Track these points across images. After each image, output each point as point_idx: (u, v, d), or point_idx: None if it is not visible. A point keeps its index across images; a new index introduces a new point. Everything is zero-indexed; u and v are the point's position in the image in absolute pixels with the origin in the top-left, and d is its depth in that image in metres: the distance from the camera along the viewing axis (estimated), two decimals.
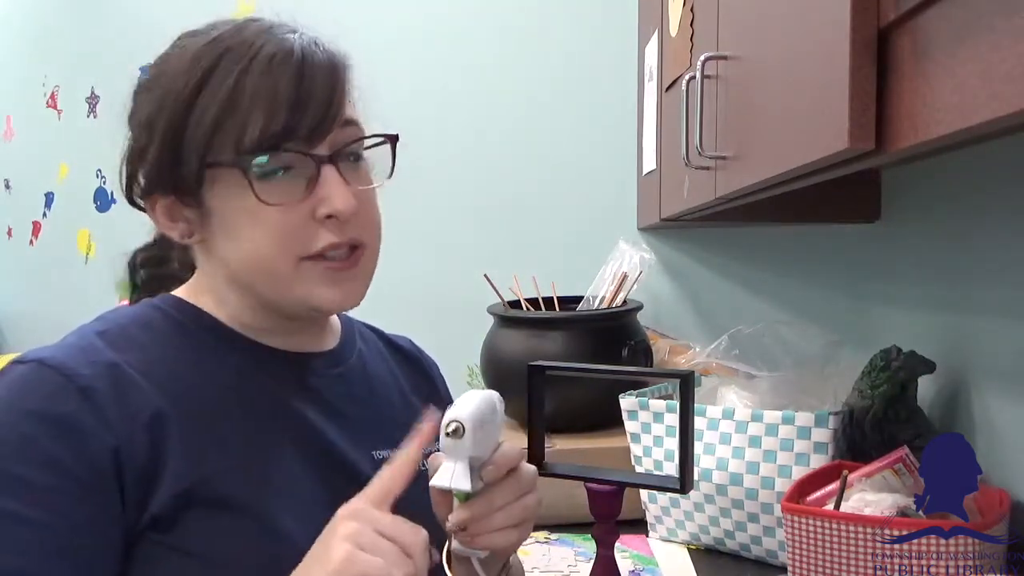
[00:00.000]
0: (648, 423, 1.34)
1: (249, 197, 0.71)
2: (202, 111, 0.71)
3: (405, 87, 2.03)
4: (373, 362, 0.89)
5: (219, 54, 0.72)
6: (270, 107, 0.70)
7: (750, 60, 0.96)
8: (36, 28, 3.15)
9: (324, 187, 0.73)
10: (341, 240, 0.74)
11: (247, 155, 0.71)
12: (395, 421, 0.85)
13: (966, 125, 0.51)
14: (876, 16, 0.61)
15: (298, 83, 0.71)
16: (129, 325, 0.76)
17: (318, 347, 0.83)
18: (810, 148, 0.72)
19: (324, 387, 0.81)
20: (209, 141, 0.71)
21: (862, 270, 1.71)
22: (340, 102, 0.74)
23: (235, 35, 0.74)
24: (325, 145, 0.73)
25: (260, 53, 0.71)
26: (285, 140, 0.71)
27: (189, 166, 0.72)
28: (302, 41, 0.73)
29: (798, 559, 1.00)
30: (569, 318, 1.61)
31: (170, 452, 0.68)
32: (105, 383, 0.68)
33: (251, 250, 0.73)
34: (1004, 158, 1.11)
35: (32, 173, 3.08)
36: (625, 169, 1.89)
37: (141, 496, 0.67)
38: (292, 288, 0.74)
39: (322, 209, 0.72)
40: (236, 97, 0.70)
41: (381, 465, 0.79)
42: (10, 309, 3.42)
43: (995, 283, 1.17)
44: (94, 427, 0.66)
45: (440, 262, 2.04)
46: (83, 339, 0.73)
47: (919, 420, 1.24)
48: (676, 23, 1.37)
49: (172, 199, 0.76)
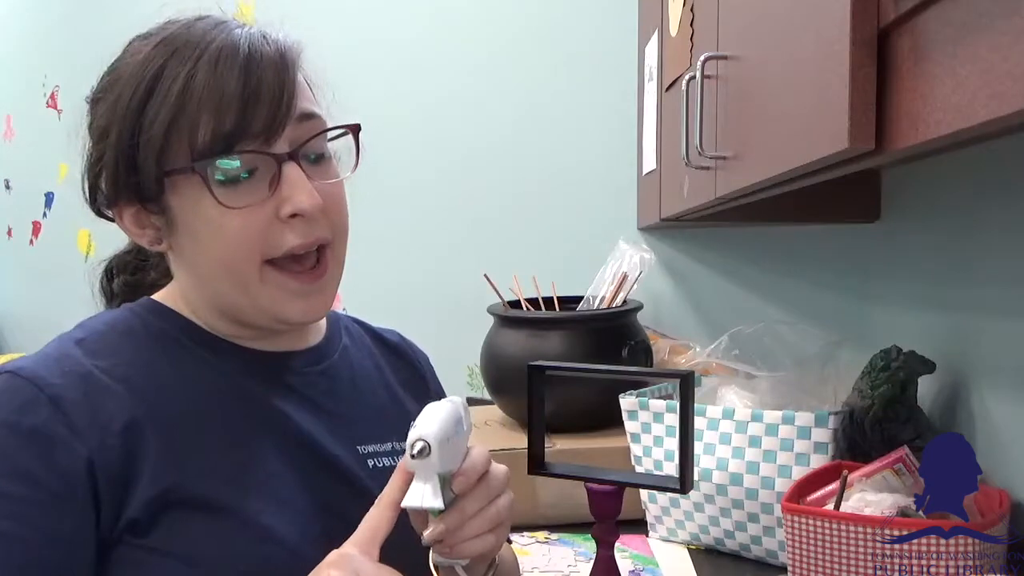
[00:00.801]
0: (648, 423, 1.34)
1: (209, 202, 0.70)
2: (153, 117, 0.70)
3: (405, 87, 2.03)
4: (358, 357, 0.88)
5: (166, 56, 0.70)
6: (218, 107, 0.68)
7: (750, 60, 0.96)
8: (36, 28, 3.16)
9: (286, 186, 0.70)
10: (307, 241, 0.72)
11: (202, 159, 0.69)
12: (381, 416, 0.85)
13: (966, 125, 0.51)
14: (876, 16, 0.61)
15: (246, 80, 0.69)
16: (108, 331, 0.75)
17: (300, 345, 0.82)
18: (810, 148, 0.72)
19: (306, 384, 0.80)
20: (163, 147, 0.70)
21: (862, 270, 1.71)
22: (291, 95, 0.71)
23: (183, 34, 0.72)
24: (284, 142, 0.71)
25: (206, 52, 0.70)
26: (238, 140, 0.69)
27: (146, 174, 0.71)
28: (250, 35, 0.71)
29: (798, 559, 1.00)
30: (569, 318, 1.61)
31: (146, 457, 0.68)
32: (77, 392, 0.68)
33: (215, 256, 0.72)
34: (1004, 158, 1.11)
35: (32, 173, 3.09)
36: (625, 169, 1.89)
37: (116, 502, 0.67)
38: (258, 298, 0.73)
39: (286, 208, 0.70)
40: (184, 100, 0.69)
41: (365, 461, 0.79)
42: (10, 309, 3.43)
43: (995, 283, 1.17)
44: (65, 437, 0.66)
45: (440, 262, 2.05)
46: (60, 348, 0.72)
47: (919, 420, 1.24)
48: (676, 23, 1.37)
49: (137, 207, 0.74)
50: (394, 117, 1.98)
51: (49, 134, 2.94)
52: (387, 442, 0.83)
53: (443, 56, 2.04)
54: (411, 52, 2.05)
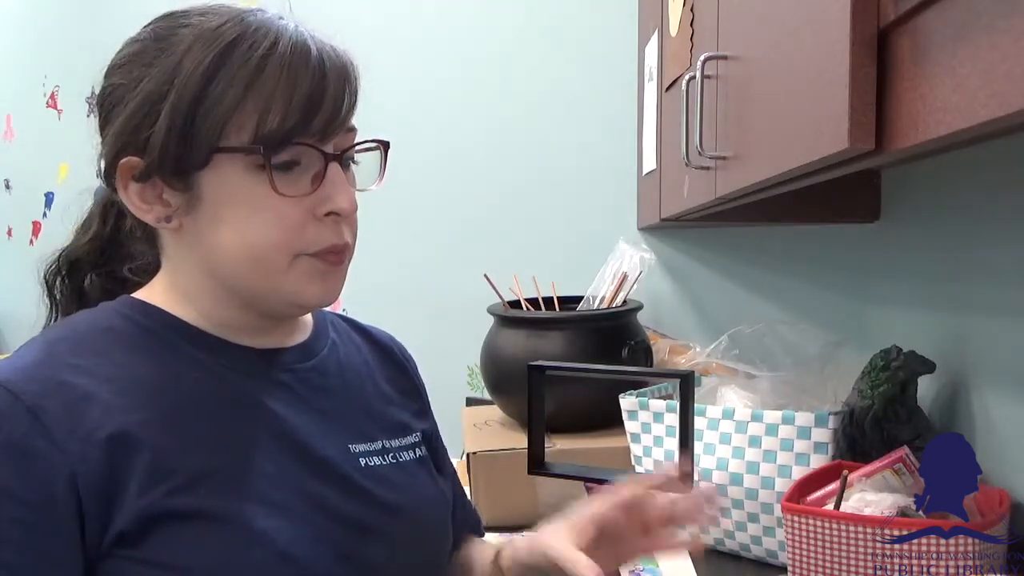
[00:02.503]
0: (648, 423, 1.34)
1: (256, 185, 0.69)
2: (223, 89, 0.68)
3: (405, 87, 2.03)
4: (347, 353, 0.87)
5: (239, 32, 0.69)
6: (290, 98, 0.69)
7: (750, 60, 0.96)
8: (36, 28, 3.16)
9: (329, 185, 0.72)
10: (341, 242, 0.73)
11: (265, 143, 0.69)
12: (370, 413, 0.84)
13: (966, 125, 0.51)
14: (876, 16, 0.61)
15: (318, 80, 0.70)
16: (89, 331, 0.73)
17: (288, 342, 0.81)
18: (810, 148, 0.72)
19: (296, 381, 0.79)
20: (224, 122, 0.68)
21: (862, 270, 1.71)
22: (350, 107, 0.73)
23: (248, 19, 0.71)
24: (330, 146, 0.73)
25: (280, 41, 0.69)
26: (300, 135, 0.70)
27: (199, 146, 0.68)
28: (317, 40, 0.72)
29: (798, 559, 1.00)
30: (569, 318, 1.61)
31: (132, 467, 0.65)
32: (56, 401, 0.65)
33: (248, 240, 0.71)
34: (1004, 158, 1.11)
35: (32, 173, 3.09)
36: (625, 169, 1.89)
37: (102, 515, 0.64)
38: (282, 282, 0.72)
39: (325, 206, 0.72)
40: (257, 82, 0.68)
41: (357, 460, 0.78)
42: (10, 309, 3.42)
43: (995, 283, 1.17)
44: (44, 450, 0.63)
45: (440, 262, 2.05)
46: (39, 350, 0.70)
47: (919, 420, 1.24)
48: (676, 23, 1.37)
49: (155, 180, 0.71)
50: (394, 117, 1.98)
51: (49, 134, 2.94)
52: (377, 440, 0.81)
53: (443, 56, 2.04)
54: (410, 52, 2.05)
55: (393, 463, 0.81)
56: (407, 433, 0.86)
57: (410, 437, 0.86)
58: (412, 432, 0.87)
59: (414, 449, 0.85)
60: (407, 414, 0.89)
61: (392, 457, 0.82)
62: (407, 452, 0.84)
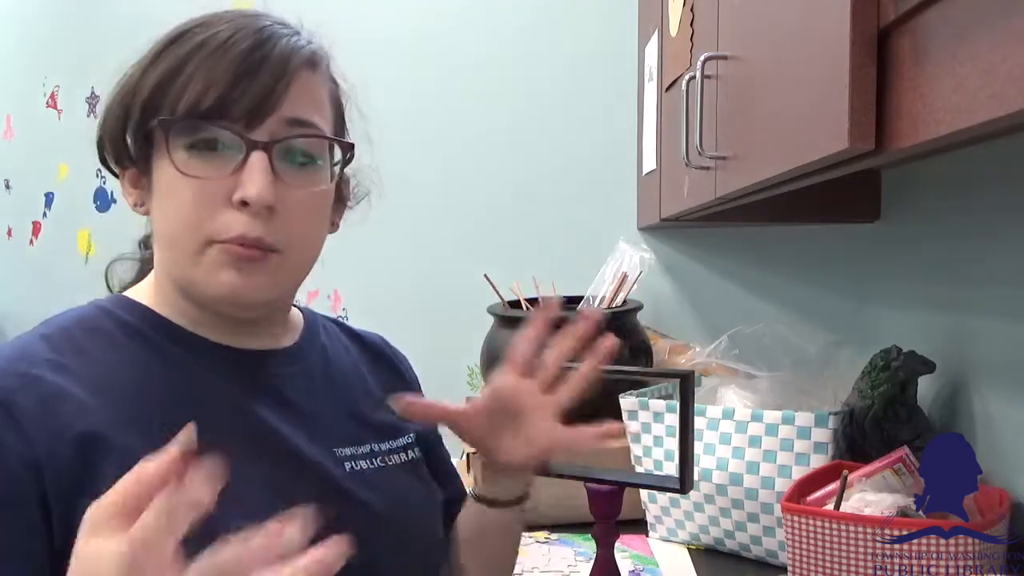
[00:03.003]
0: (648, 423, 1.34)
1: (168, 165, 0.70)
2: (149, 78, 0.71)
3: (404, 87, 2.03)
4: (336, 357, 0.86)
5: (184, 31, 0.72)
6: (209, 79, 0.69)
7: (750, 60, 0.96)
8: (36, 28, 3.16)
9: (245, 171, 0.70)
10: (249, 234, 0.70)
11: (174, 121, 0.70)
12: (358, 417, 0.83)
13: (966, 125, 0.51)
14: (876, 16, 0.61)
15: (244, 63, 0.69)
16: (73, 328, 0.73)
17: (276, 345, 0.80)
18: (810, 148, 0.72)
19: (282, 385, 0.78)
20: (148, 104, 0.71)
21: (862, 270, 1.71)
22: (282, 92, 0.71)
23: (213, 14, 0.73)
24: (264, 133, 0.70)
25: (221, 32, 0.70)
26: (218, 117, 0.69)
27: (132, 131, 0.73)
28: (272, 31, 0.72)
29: (798, 559, 1.00)
30: (569, 318, 1.61)
31: (101, 467, 0.65)
32: (30, 397, 0.65)
33: (166, 220, 0.72)
34: (1004, 158, 1.11)
35: (32, 173, 3.08)
36: (625, 169, 1.89)
37: (68, 513, 0.64)
38: (195, 270, 0.72)
39: (236, 193, 0.70)
40: (181, 67, 0.70)
41: (342, 464, 0.77)
42: (10, 309, 3.42)
43: (995, 283, 1.17)
44: (12, 440, 0.63)
45: (440, 262, 2.05)
46: (22, 346, 0.70)
47: (919, 420, 1.24)
48: (676, 23, 1.37)
49: (132, 168, 0.75)
50: (394, 117, 1.98)
51: (49, 134, 2.93)
52: (365, 444, 0.81)
53: (442, 55, 2.04)
54: (410, 51, 2.05)
55: (381, 467, 0.80)
56: (398, 435, 0.85)
57: (402, 439, 0.85)
58: (404, 434, 0.86)
59: (406, 451, 0.84)
60: (398, 415, 0.88)
61: (380, 460, 0.81)
62: (397, 455, 0.83)
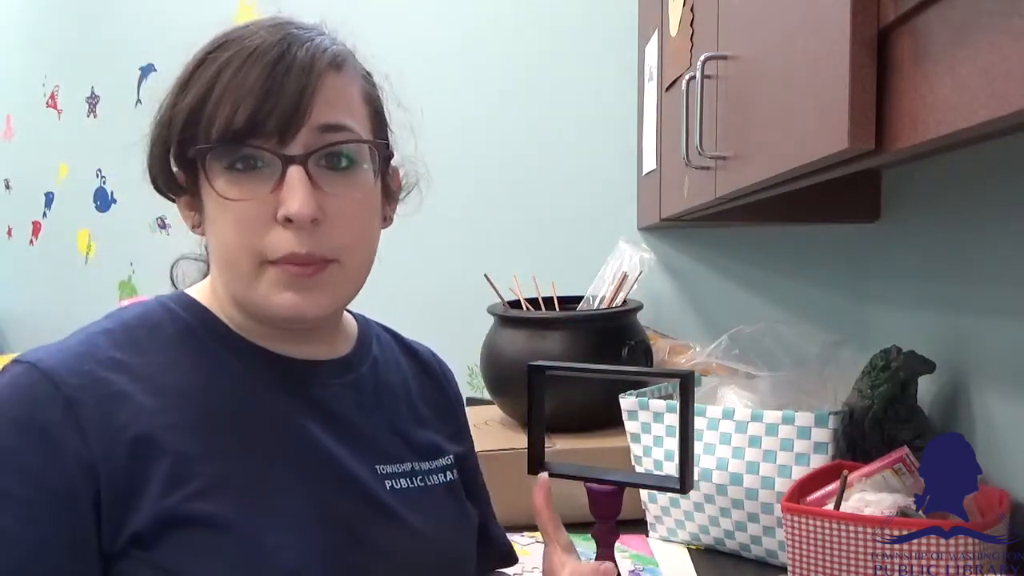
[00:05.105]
0: (648, 423, 1.34)
1: (211, 192, 0.71)
2: (181, 107, 0.71)
3: (403, 87, 2.03)
4: (386, 370, 0.86)
5: (209, 50, 0.72)
6: (236, 99, 0.68)
7: (750, 60, 0.96)
8: (36, 28, 3.16)
9: (285, 188, 0.69)
10: (299, 251, 0.70)
11: (209, 148, 0.70)
12: (402, 435, 0.82)
13: (966, 125, 0.51)
14: (876, 16, 0.61)
15: (269, 78, 0.69)
16: (136, 326, 0.74)
17: (329, 353, 0.80)
18: (810, 148, 0.72)
19: (331, 397, 0.78)
20: (184, 134, 0.71)
21: (862, 270, 1.71)
22: (310, 100, 0.70)
23: (235, 31, 0.73)
24: (298, 145, 0.70)
25: (244, 47, 0.70)
26: (250, 136, 0.69)
27: (175, 162, 0.74)
28: (293, 36, 0.71)
29: (798, 559, 1.00)
30: (569, 318, 1.61)
31: (153, 470, 0.66)
32: (92, 396, 0.67)
33: (220, 245, 0.73)
34: (1004, 158, 1.11)
35: (32, 173, 3.09)
36: (625, 169, 1.89)
37: (119, 514, 0.65)
38: (253, 291, 0.72)
39: (280, 211, 0.69)
40: (209, 91, 0.70)
41: (383, 481, 0.77)
42: (10, 309, 3.43)
43: (995, 283, 1.17)
44: (73, 441, 0.65)
45: (440, 262, 2.05)
46: (85, 341, 0.71)
47: (919, 420, 1.24)
48: (676, 23, 1.37)
49: (186, 194, 0.76)
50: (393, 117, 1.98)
51: (49, 134, 2.94)
52: (406, 462, 0.80)
53: (442, 56, 2.04)
54: (409, 51, 2.05)
55: (421, 486, 0.80)
56: (439, 456, 0.84)
57: (442, 460, 0.84)
58: (444, 455, 0.85)
59: (445, 472, 0.84)
60: (441, 436, 0.87)
61: (420, 480, 0.80)
62: (436, 475, 0.83)
